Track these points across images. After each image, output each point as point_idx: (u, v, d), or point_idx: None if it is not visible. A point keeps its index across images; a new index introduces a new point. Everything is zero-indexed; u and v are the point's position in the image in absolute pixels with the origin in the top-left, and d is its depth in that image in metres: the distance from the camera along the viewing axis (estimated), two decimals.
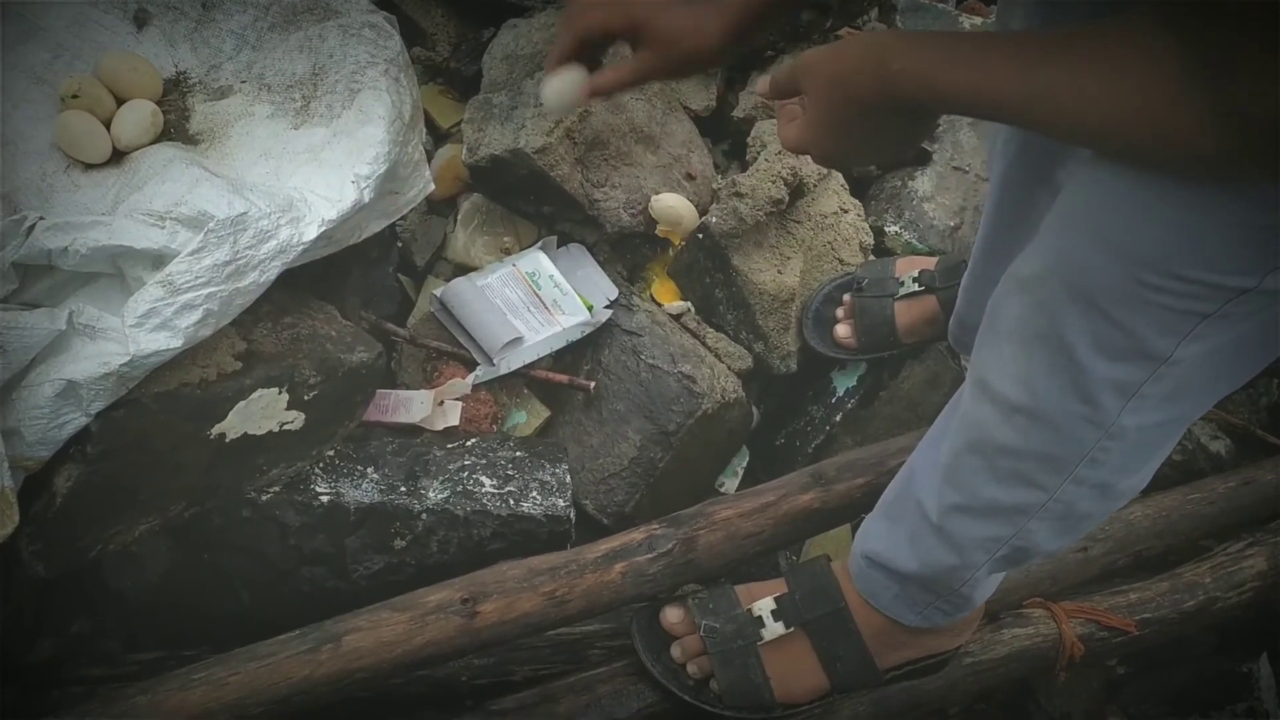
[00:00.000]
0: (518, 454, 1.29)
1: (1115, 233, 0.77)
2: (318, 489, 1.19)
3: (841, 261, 1.54)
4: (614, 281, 1.46)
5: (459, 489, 1.23)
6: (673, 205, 1.46)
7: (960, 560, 1.03)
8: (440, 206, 1.51)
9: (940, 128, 1.65)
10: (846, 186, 1.58)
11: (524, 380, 1.42)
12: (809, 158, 0.93)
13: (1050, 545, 0.99)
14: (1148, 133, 0.68)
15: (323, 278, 1.27)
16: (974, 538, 1.00)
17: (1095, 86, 0.69)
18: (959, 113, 0.83)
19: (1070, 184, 0.82)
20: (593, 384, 1.40)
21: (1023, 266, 0.86)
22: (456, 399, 1.34)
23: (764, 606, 1.15)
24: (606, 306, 1.44)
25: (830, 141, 0.87)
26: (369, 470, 1.22)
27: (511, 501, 1.24)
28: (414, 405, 1.31)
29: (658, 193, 1.47)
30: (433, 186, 1.29)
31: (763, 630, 1.14)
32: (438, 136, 1.56)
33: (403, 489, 1.22)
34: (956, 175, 1.64)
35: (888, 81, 0.80)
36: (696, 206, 1.50)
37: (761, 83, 0.95)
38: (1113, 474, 0.91)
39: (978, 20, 1.78)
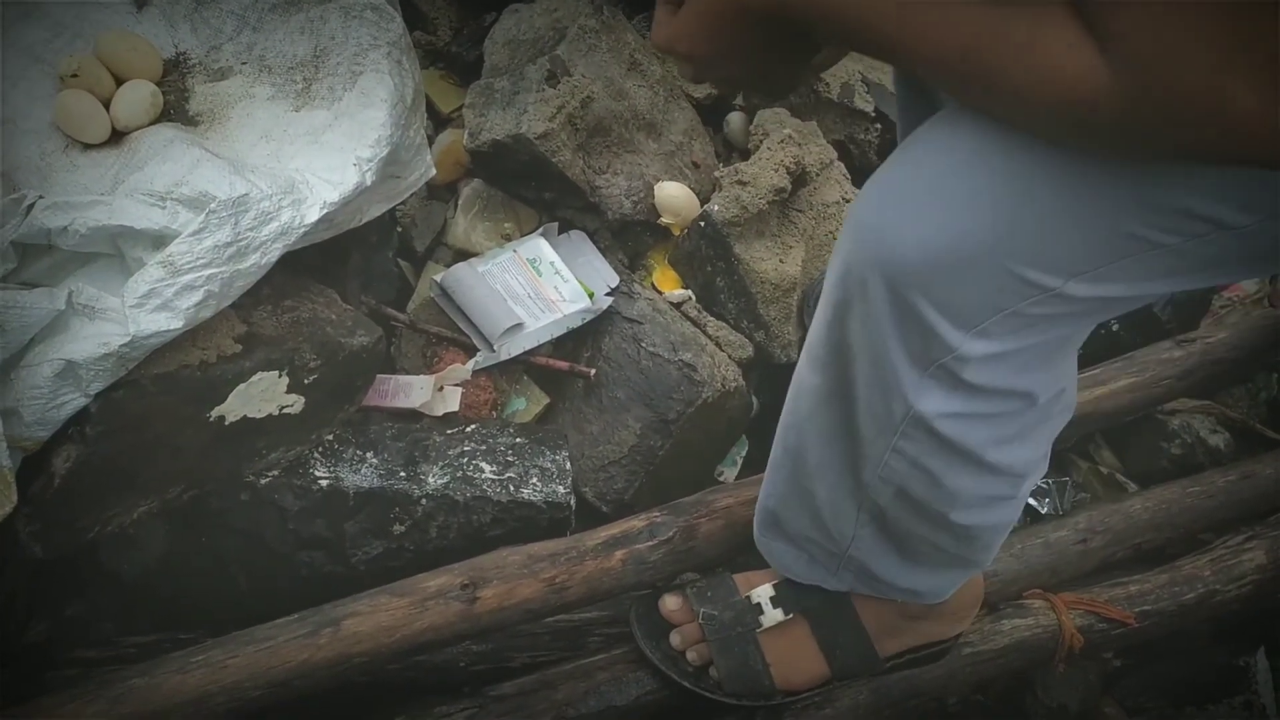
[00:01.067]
0: (518, 440, 1.29)
1: (923, 213, 0.77)
2: (317, 473, 1.19)
3: None
4: (615, 269, 1.46)
5: (459, 475, 1.23)
6: (675, 194, 1.45)
7: (834, 512, 1.02)
8: (441, 192, 1.50)
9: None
10: (848, 176, 1.58)
11: (524, 367, 1.41)
12: (679, 68, 0.89)
13: (911, 526, 0.98)
14: (1035, 79, 0.66)
15: (323, 262, 1.26)
16: (837, 490, 1.00)
17: (984, 27, 0.67)
18: (841, 41, 0.80)
19: (896, 156, 0.82)
20: (593, 371, 1.40)
21: (845, 233, 0.86)
22: (456, 385, 1.34)
23: (763, 593, 1.15)
24: (607, 294, 1.43)
25: (703, 41, 0.82)
26: (368, 455, 1.22)
27: (511, 488, 1.24)
28: (414, 390, 1.30)
29: (659, 180, 1.47)
30: (434, 171, 1.29)
31: (762, 617, 1.14)
32: (438, 121, 1.55)
33: (402, 474, 1.21)
34: None
35: None
36: (698, 195, 1.50)
37: None
38: (930, 459, 0.90)
39: None
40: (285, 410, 1.14)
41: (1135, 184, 0.75)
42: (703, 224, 1.45)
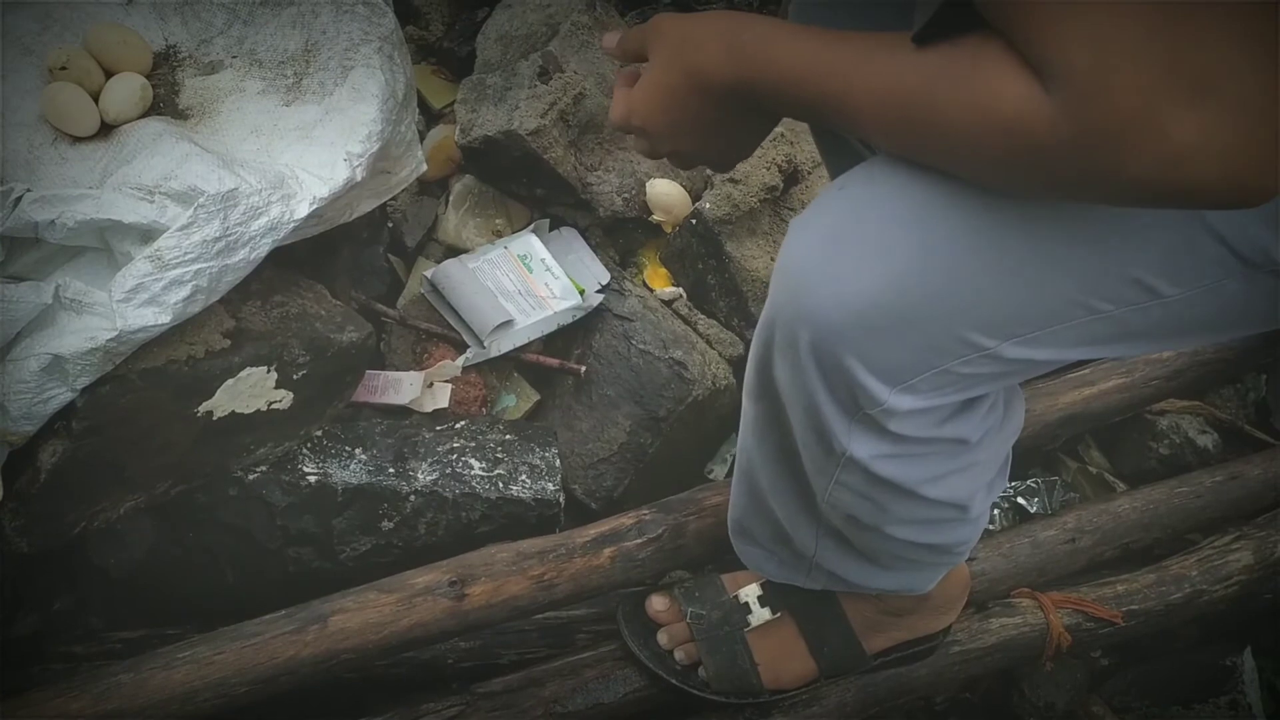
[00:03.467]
0: (507, 437, 1.29)
1: (850, 268, 0.75)
2: (305, 469, 1.18)
3: None
4: (606, 266, 1.46)
5: (448, 471, 1.23)
6: (667, 191, 1.45)
7: (793, 525, 1.01)
8: (432, 187, 1.50)
9: None
10: None
11: (514, 363, 1.41)
12: (634, 142, 0.90)
13: (867, 540, 0.98)
14: (976, 116, 0.64)
15: (312, 257, 1.26)
16: (791, 508, 0.99)
17: (925, 78, 0.66)
18: (798, 105, 0.78)
19: (819, 205, 0.80)
20: (583, 368, 1.39)
21: (776, 276, 0.84)
22: (446, 381, 1.34)
23: (750, 593, 1.15)
24: (598, 291, 1.43)
25: (661, 113, 0.82)
26: (357, 451, 1.22)
27: (500, 484, 1.23)
28: (403, 386, 1.30)
29: (651, 177, 1.47)
30: (425, 166, 1.29)
31: (749, 616, 1.14)
32: (430, 117, 1.55)
33: (391, 470, 1.21)
34: None
35: (736, 53, 0.77)
36: (690, 192, 1.50)
37: (608, 38, 0.91)
38: (872, 491, 0.89)
39: None
40: (274, 406, 1.13)
41: (1087, 247, 0.73)
42: (694, 221, 1.45)
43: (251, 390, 1.10)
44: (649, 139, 0.86)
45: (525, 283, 1.40)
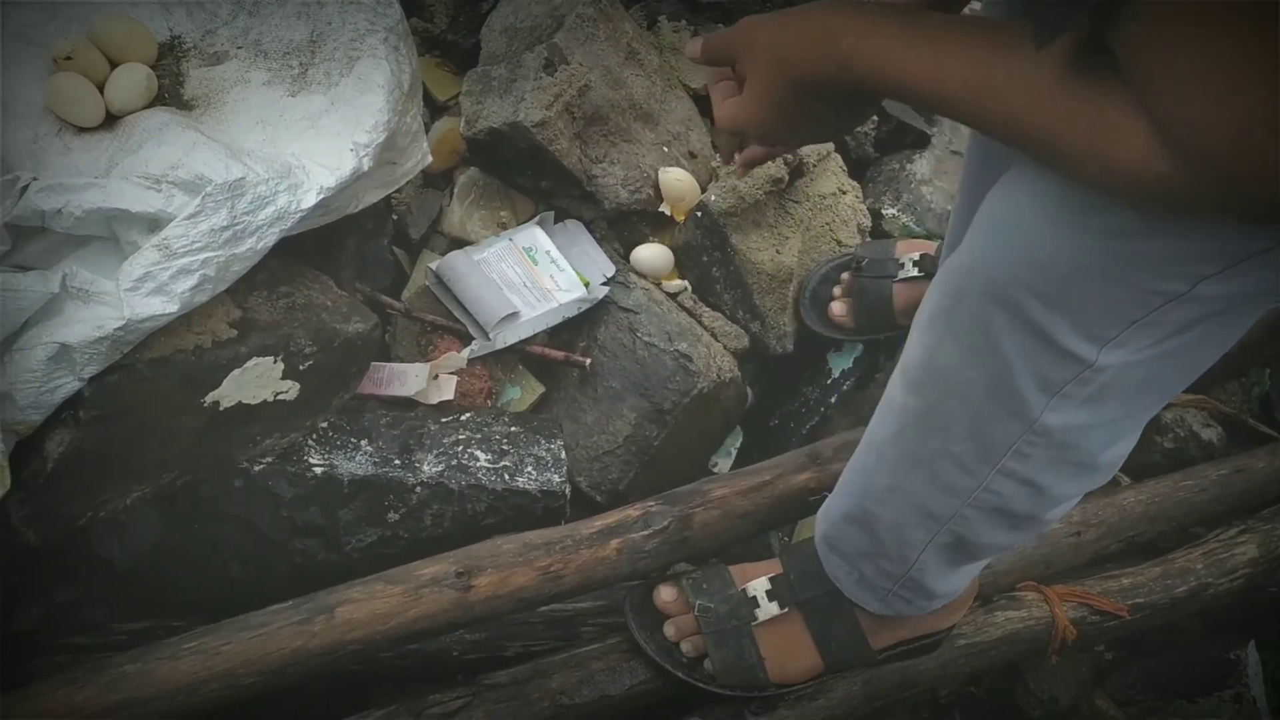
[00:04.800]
0: (513, 429, 1.28)
1: (1038, 235, 0.76)
2: (311, 460, 1.18)
3: (839, 243, 1.53)
4: (611, 259, 1.45)
5: (453, 463, 1.22)
6: (680, 179, 1.45)
7: (898, 539, 1.01)
8: (437, 180, 1.49)
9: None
10: (845, 168, 1.58)
11: (519, 356, 1.41)
12: (750, 133, 0.92)
13: (993, 539, 0.98)
14: (1094, 164, 0.66)
15: (318, 248, 1.25)
16: (906, 518, 0.99)
17: (1050, 105, 0.67)
18: (909, 103, 0.81)
19: (1000, 183, 0.80)
20: (588, 361, 1.39)
21: (951, 260, 0.84)
22: (451, 373, 1.34)
23: (759, 587, 1.14)
24: (603, 284, 1.43)
25: (773, 120, 0.84)
26: (363, 443, 1.21)
27: (506, 476, 1.23)
28: (409, 378, 1.30)
29: (662, 167, 1.46)
30: (430, 158, 1.28)
31: (757, 610, 1.13)
32: (435, 109, 1.55)
33: (397, 462, 1.21)
34: (955, 159, 1.64)
35: (837, 62, 0.77)
36: (698, 183, 1.49)
37: (692, 45, 0.91)
38: (1042, 474, 0.89)
39: None
40: (280, 397, 1.13)
41: None
42: (699, 214, 1.45)
43: (258, 381, 1.10)
44: (766, 139, 0.90)
45: (530, 275, 1.40)
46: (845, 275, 1.47)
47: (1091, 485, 0.94)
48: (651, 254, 1.46)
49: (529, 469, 1.25)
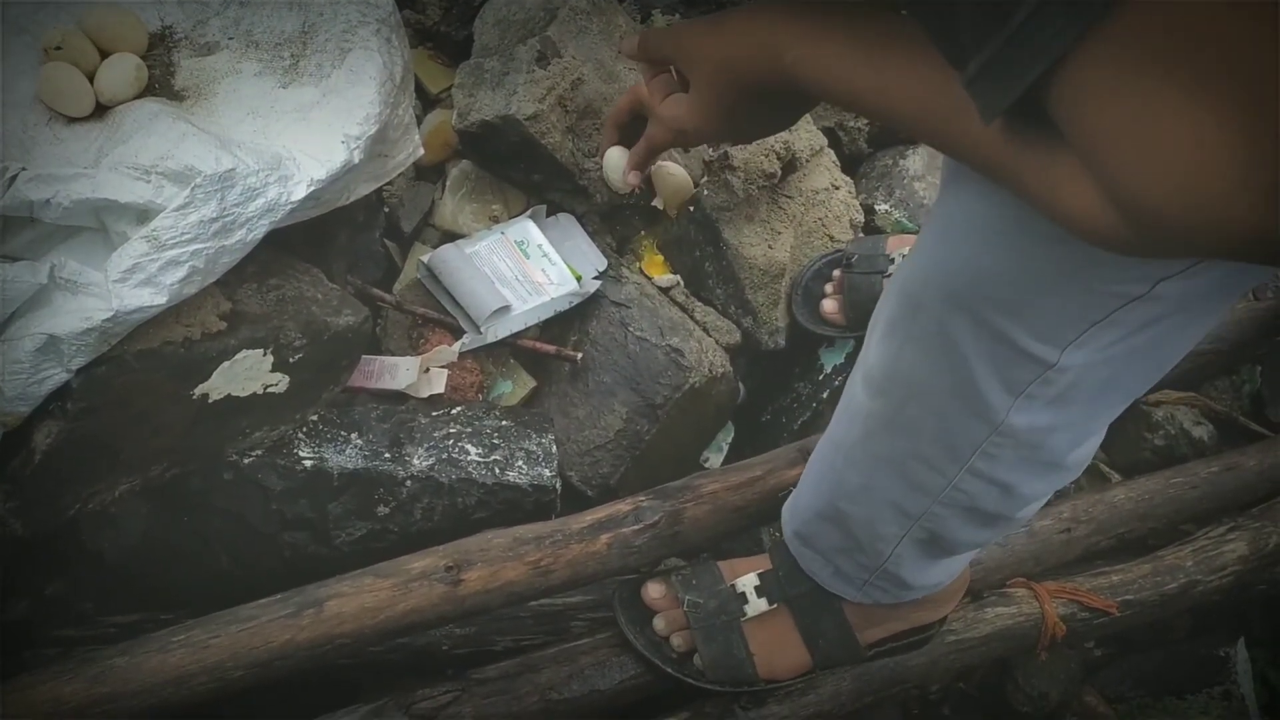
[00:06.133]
0: (503, 423, 1.28)
1: (994, 241, 0.75)
2: (301, 453, 1.18)
3: (832, 238, 1.53)
4: (603, 253, 1.45)
5: (444, 456, 1.22)
6: (674, 172, 1.44)
7: (871, 535, 1.01)
8: (428, 172, 1.49)
9: None
10: (838, 163, 1.57)
11: (510, 350, 1.40)
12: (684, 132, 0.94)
13: (966, 535, 0.98)
14: (1045, 207, 0.65)
15: (308, 240, 1.25)
16: (879, 515, 0.99)
17: (1001, 146, 0.65)
18: (858, 114, 0.81)
19: (949, 185, 0.80)
20: (580, 355, 1.39)
21: (904, 265, 0.84)
22: (442, 367, 1.33)
23: (748, 583, 1.15)
24: (595, 278, 1.42)
25: (716, 124, 0.86)
26: (353, 436, 1.21)
27: (497, 470, 1.23)
28: (399, 372, 1.29)
29: (658, 160, 1.45)
30: (422, 151, 1.28)
31: (746, 606, 1.14)
32: (427, 102, 1.54)
33: (387, 455, 1.20)
34: None
35: (781, 73, 0.77)
36: (690, 177, 1.49)
37: (627, 43, 0.93)
38: (1010, 473, 0.90)
39: None
40: (269, 389, 1.13)
41: None
42: (692, 209, 1.45)
43: (247, 373, 1.09)
44: (706, 140, 0.92)
45: (522, 269, 1.39)
46: (836, 272, 1.47)
47: (1060, 484, 0.95)
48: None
49: (520, 463, 1.25)
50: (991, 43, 0.55)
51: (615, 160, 1.13)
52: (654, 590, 1.17)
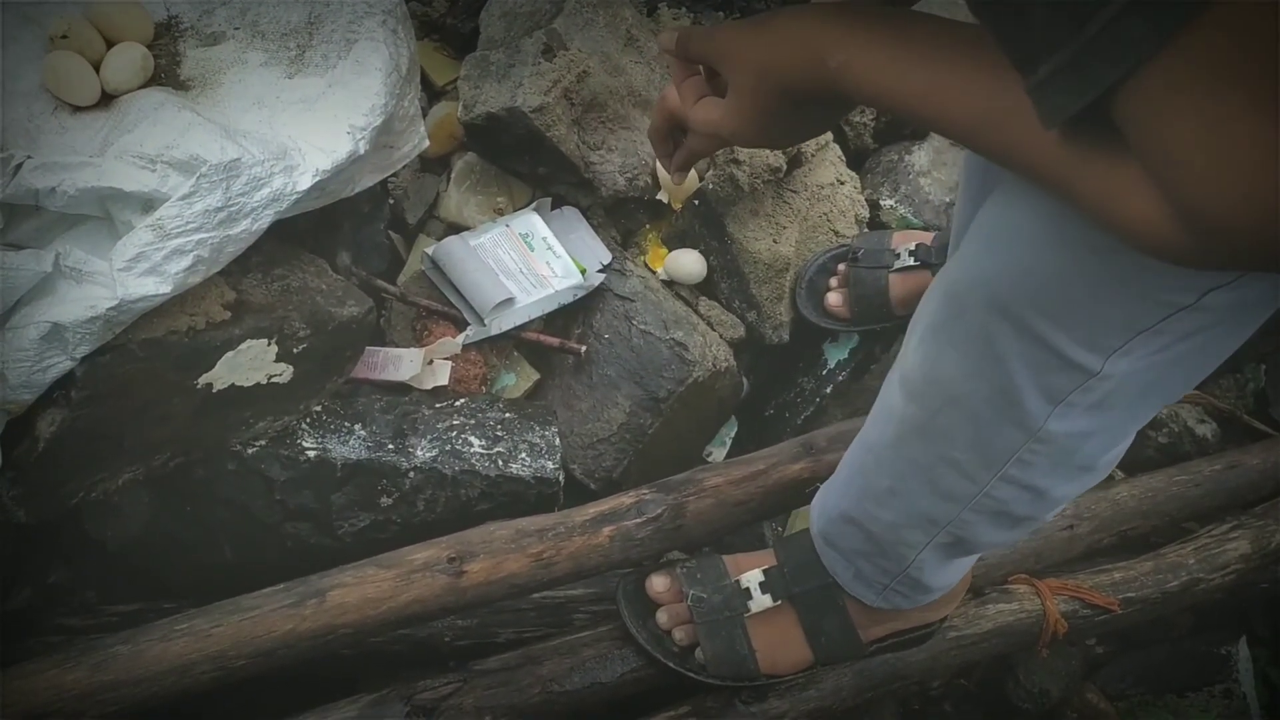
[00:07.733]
0: (507, 415, 1.28)
1: (1041, 247, 0.75)
2: (304, 444, 1.18)
3: (837, 233, 1.53)
4: (607, 246, 1.45)
5: (447, 448, 1.22)
6: None
7: (896, 540, 1.01)
8: (433, 164, 1.49)
9: None
10: (844, 158, 1.57)
11: (514, 342, 1.40)
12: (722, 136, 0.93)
13: (991, 538, 0.98)
14: (1102, 216, 0.64)
15: (313, 231, 1.25)
16: (905, 521, 0.99)
17: (1058, 153, 0.64)
18: (903, 120, 0.79)
19: (998, 191, 0.79)
20: (583, 348, 1.39)
21: (949, 270, 0.84)
22: (446, 359, 1.33)
23: (752, 579, 1.14)
24: (599, 271, 1.42)
25: (755, 129, 0.84)
26: (356, 427, 1.21)
27: (500, 462, 1.23)
28: (403, 363, 1.29)
29: (654, 157, 1.46)
30: (427, 142, 1.28)
31: (750, 602, 1.13)
32: (433, 94, 1.54)
33: (390, 447, 1.20)
34: (954, 151, 1.63)
35: (826, 78, 0.76)
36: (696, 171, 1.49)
37: (665, 37, 0.91)
38: (1044, 478, 0.89)
39: None
40: (273, 379, 1.13)
41: None
42: (697, 203, 1.44)
43: (251, 363, 1.09)
44: (742, 144, 0.89)
45: (526, 261, 1.39)
46: (841, 266, 1.47)
47: (1090, 485, 0.94)
48: (688, 261, 1.46)
49: (523, 455, 1.25)
50: (1065, 48, 0.54)
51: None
52: (659, 583, 1.17)
